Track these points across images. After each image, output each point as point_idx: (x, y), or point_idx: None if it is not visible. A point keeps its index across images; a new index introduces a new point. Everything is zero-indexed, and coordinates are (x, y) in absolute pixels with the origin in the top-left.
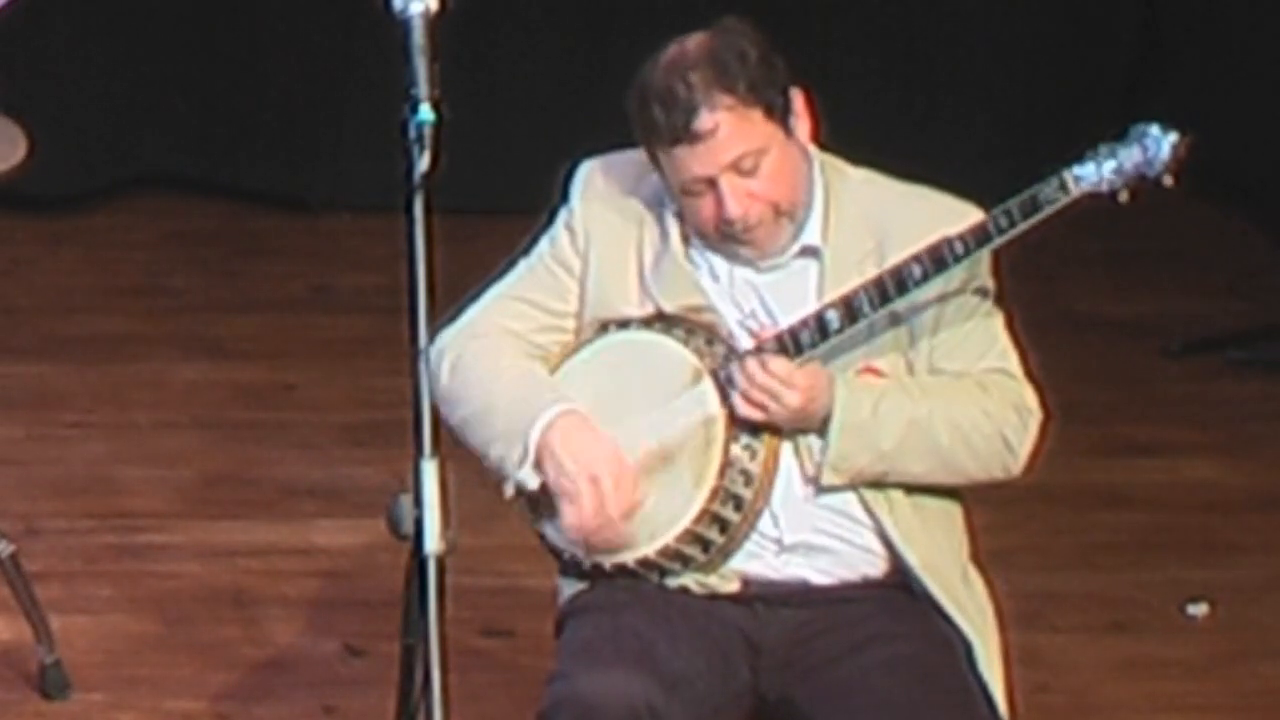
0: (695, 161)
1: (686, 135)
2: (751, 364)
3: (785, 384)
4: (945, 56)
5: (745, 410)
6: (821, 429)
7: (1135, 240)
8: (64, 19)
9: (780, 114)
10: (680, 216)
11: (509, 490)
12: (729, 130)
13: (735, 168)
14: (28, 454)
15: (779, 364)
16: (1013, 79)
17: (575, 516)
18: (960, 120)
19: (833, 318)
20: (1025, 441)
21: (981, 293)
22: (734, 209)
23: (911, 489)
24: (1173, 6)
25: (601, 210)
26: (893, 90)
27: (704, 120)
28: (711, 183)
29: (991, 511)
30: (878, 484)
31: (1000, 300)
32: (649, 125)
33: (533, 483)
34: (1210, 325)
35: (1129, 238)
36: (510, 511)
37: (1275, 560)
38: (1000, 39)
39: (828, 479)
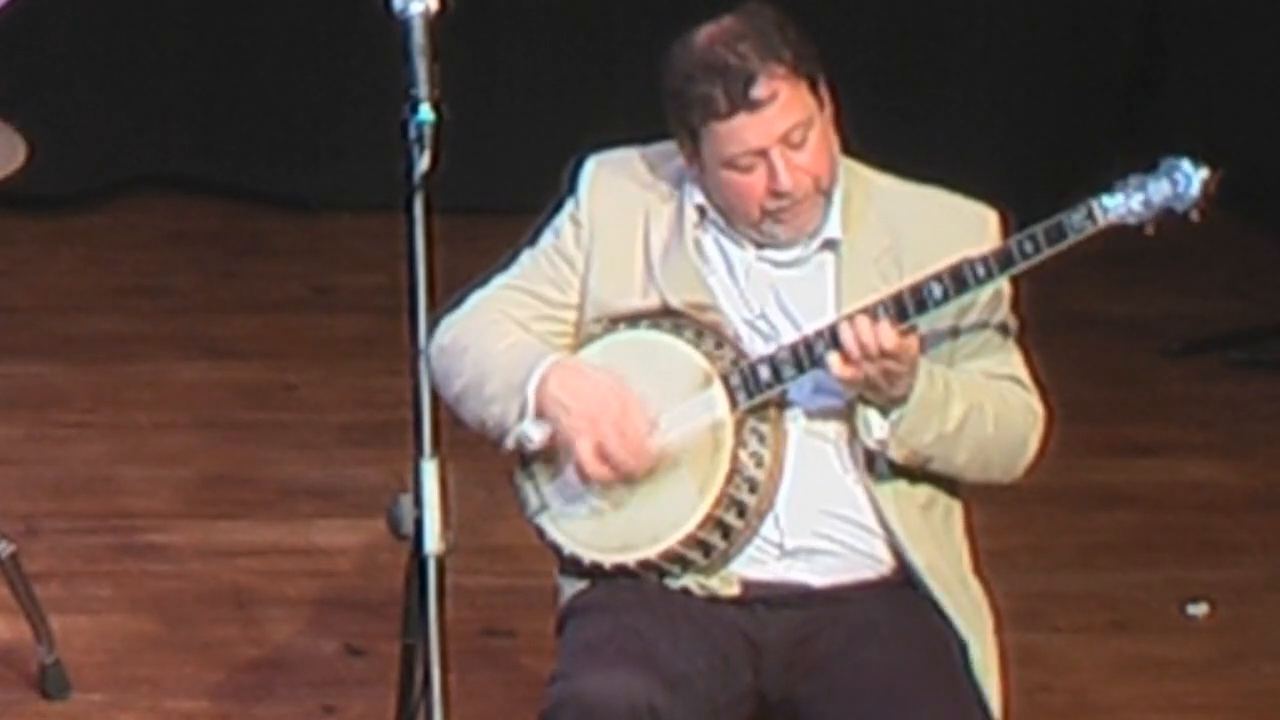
0: (751, 132)
1: (745, 103)
2: (862, 323)
3: (887, 354)
4: (944, 56)
5: (839, 369)
6: (878, 402)
7: (1135, 240)
8: (64, 19)
9: (819, 90)
10: (701, 210)
11: (509, 444)
12: (785, 99)
13: (786, 140)
14: (28, 454)
15: (886, 334)
16: (1012, 79)
17: (592, 452)
18: (959, 120)
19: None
20: (1035, 446)
21: (1003, 329)
22: (786, 181)
23: (919, 493)
24: (1173, 6)
25: (608, 203)
26: (891, 89)
27: (762, 88)
28: (762, 155)
29: (991, 511)
30: (894, 478)
31: (1017, 312)
32: (700, 100)
33: (537, 435)
34: (1210, 325)
35: (1129, 238)
36: (510, 511)
37: (1275, 560)
38: (999, 39)
39: (894, 451)
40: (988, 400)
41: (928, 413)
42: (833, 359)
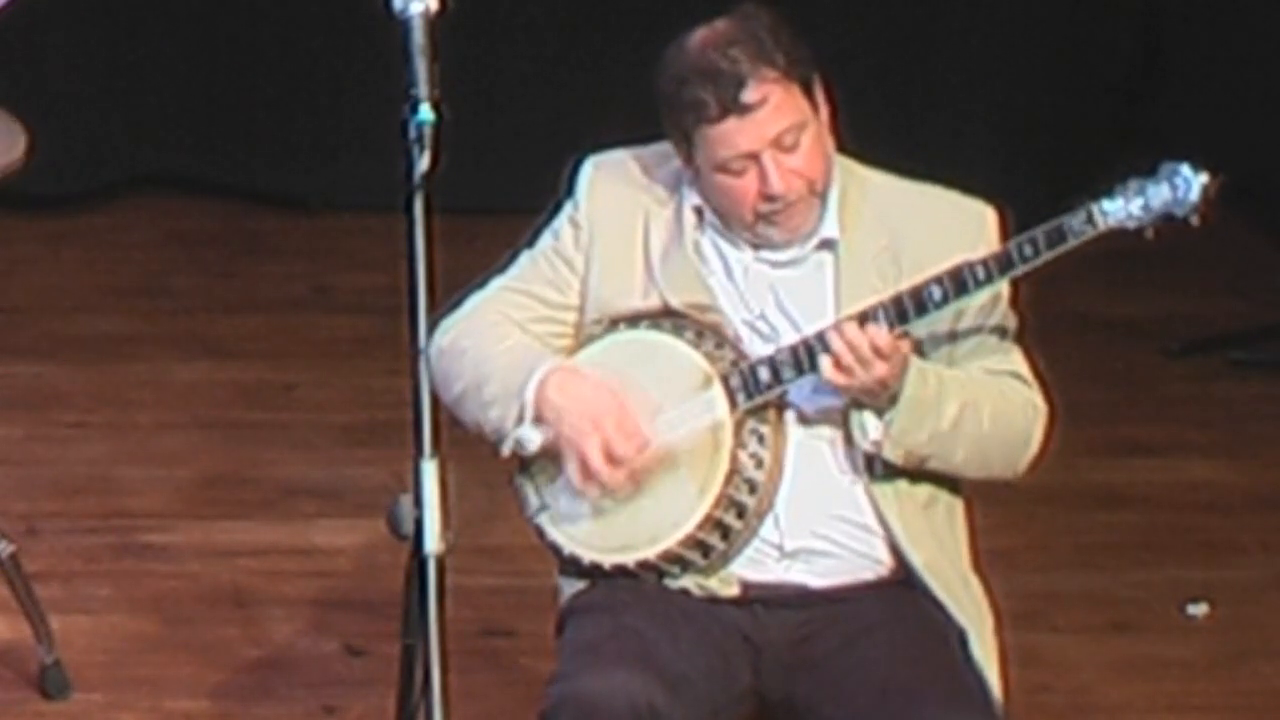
0: (742, 136)
1: (736, 107)
2: (850, 328)
3: (880, 354)
4: (943, 57)
5: (831, 374)
6: (873, 405)
7: (1135, 240)
8: (63, 19)
9: (813, 92)
10: (699, 211)
11: (507, 449)
12: (776, 102)
13: (778, 143)
14: (28, 454)
15: (876, 331)
16: (1012, 80)
17: (583, 461)
18: (959, 121)
19: None
20: (1037, 441)
21: (1001, 329)
22: (778, 185)
23: (920, 492)
24: (1173, 8)
25: (607, 204)
26: (890, 90)
27: (753, 92)
28: (754, 159)
29: (991, 511)
30: (894, 477)
31: (1016, 310)
32: (691, 104)
33: (535, 439)
34: (1210, 325)
35: (1129, 238)
36: (510, 511)
37: (1275, 560)
38: (999, 40)
39: (889, 452)
40: (984, 397)
41: (921, 412)
42: (824, 363)
